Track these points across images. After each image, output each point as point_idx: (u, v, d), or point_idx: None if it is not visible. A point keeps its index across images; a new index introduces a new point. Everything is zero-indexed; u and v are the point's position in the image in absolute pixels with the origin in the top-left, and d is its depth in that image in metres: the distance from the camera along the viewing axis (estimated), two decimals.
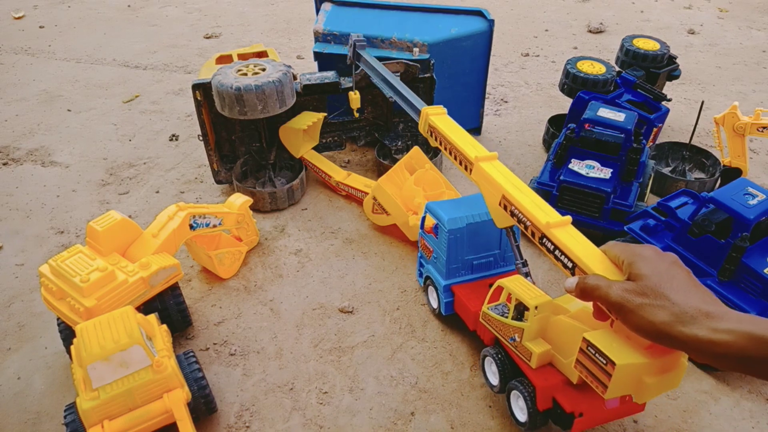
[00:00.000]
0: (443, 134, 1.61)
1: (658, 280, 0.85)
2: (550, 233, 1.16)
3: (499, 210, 1.37)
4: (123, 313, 1.38)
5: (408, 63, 2.30)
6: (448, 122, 1.67)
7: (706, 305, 0.80)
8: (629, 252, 0.94)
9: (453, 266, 1.68)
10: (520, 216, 1.28)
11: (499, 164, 1.44)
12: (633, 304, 0.85)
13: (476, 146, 1.52)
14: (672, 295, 0.82)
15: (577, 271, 1.07)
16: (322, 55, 2.46)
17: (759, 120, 2.17)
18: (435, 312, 1.79)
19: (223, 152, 2.42)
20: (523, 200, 1.28)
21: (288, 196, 2.30)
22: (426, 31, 2.44)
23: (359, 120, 2.56)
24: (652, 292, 0.84)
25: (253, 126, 2.36)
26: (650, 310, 0.82)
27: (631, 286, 0.87)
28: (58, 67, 3.63)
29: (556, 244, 1.14)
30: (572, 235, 1.16)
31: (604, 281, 0.93)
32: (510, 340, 1.39)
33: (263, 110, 2.05)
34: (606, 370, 0.99)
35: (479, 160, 1.44)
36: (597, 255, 1.05)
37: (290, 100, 2.15)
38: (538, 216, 1.22)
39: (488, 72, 2.63)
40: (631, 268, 0.90)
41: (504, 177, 1.38)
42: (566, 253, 1.11)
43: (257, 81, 2.00)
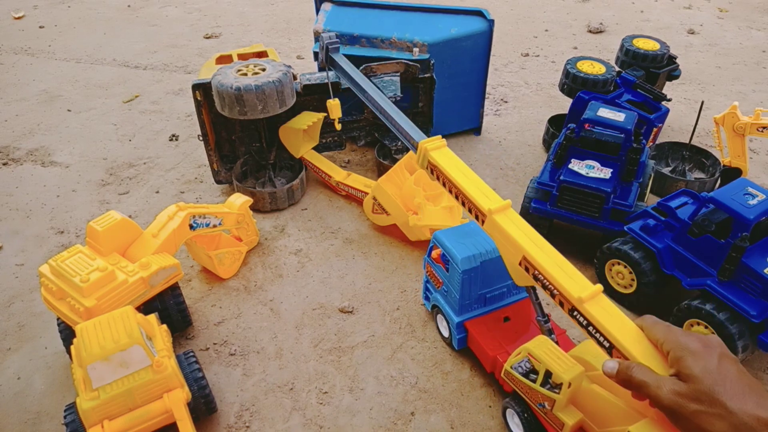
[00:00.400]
0: (448, 176, 1.43)
1: (711, 382, 0.82)
2: (584, 309, 1.08)
3: (519, 270, 1.26)
4: (123, 313, 1.38)
5: (408, 63, 2.30)
6: (452, 160, 1.48)
7: (762, 410, 0.79)
8: (675, 343, 0.91)
9: (466, 302, 1.61)
10: (545, 283, 1.17)
11: (515, 215, 1.32)
12: (687, 410, 0.83)
13: (487, 192, 1.37)
14: (728, 402, 0.80)
15: (615, 352, 1.02)
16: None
17: (759, 120, 2.17)
18: (446, 342, 1.73)
19: (223, 152, 2.42)
20: (551, 267, 1.16)
21: (288, 196, 2.30)
22: (426, 31, 2.44)
23: (359, 120, 2.56)
24: (706, 397, 0.81)
25: (253, 126, 2.36)
26: (707, 419, 0.81)
27: (684, 389, 0.84)
28: (58, 67, 3.63)
29: (591, 321, 1.07)
30: (606, 309, 1.08)
31: (652, 377, 0.90)
32: (538, 405, 1.31)
33: (263, 110, 2.05)
34: None
35: (493, 213, 1.30)
36: (635, 334, 1.01)
37: (290, 100, 2.15)
38: (569, 288, 1.12)
39: (488, 72, 2.63)
40: (679, 365, 0.87)
41: (524, 234, 1.25)
42: (602, 333, 1.05)
43: (257, 81, 2.00)
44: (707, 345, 0.88)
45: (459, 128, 2.80)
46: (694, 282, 1.69)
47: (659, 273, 1.78)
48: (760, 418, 0.78)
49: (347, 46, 2.45)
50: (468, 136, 2.82)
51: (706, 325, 1.62)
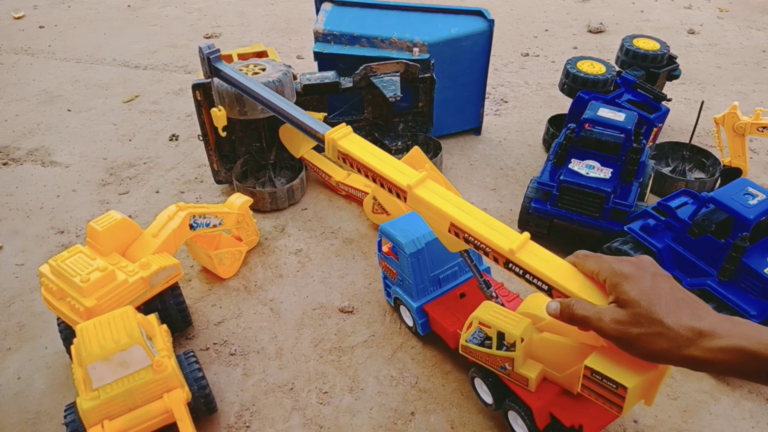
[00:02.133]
0: (360, 160, 1.41)
1: (648, 303, 0.86)
2: (517, 259, 1.10)
3: (449, 237, 1.26)
4: (123, 313, 1.38)
5: (408, 63, 2.30)
6: (360, 144, 1.46)
7: (697, 321, 0.83)
8: (610, 271, 0.94)
9: (420, 286, 1.64)
10: (477, 243, 1.18)
11: (433, 184, 1.31)
12: (630, 335, 0.86)
13: (402, 168, 1.36)
14: (665, 319, 0.83)
15: (555, 293, 1.04)
16: (322, 55, 2.46)
17: (759, 120, 2.17)
18: (412, 331, 1.75)
19: (223, 152, 2.42)
20: (478, 227, 1.17)
21: (288, 196, 2.30)
22: (426, 31, 2.43)
23: (359, 120, 2.56)
24: (645, 319, 0.85)
25: (253, 126, 2.36)
26: (649, 340, 0.85)
27: (623, 316, 0.88)
28: (58, 67, 3.63)
29: (526, 269, 1.09)
30: (538, 254, 1.10)
31: (592, 310, 0.93)
32: (500, 369, 1.33)
33: (263, 110, 2.05)
34: (618, 394, 0.98)
35: (412, 188, 1.29)
36: (570, 271, 1.03)
37: (290, 100, 2.15)
38: (499, 242, 1.12)
39: (488, 72, 2.63)
40: (616, 291, 0.91)
41: (446, 201, 1.26)
42: (539, 277, 1.07)
43: (257, 81, 2.00)
44: (640, 267, 0.91)
45: (459, 128, 2.80)
46: (695, 282, 1.69)
47: None
48: (694, 328, 0.82)
49: (347, 46, 2.45)
50: (468, 136, 2.82)
51: None
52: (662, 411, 1.54)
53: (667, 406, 1.56)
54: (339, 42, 2.46)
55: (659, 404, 1.56)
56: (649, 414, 1.54)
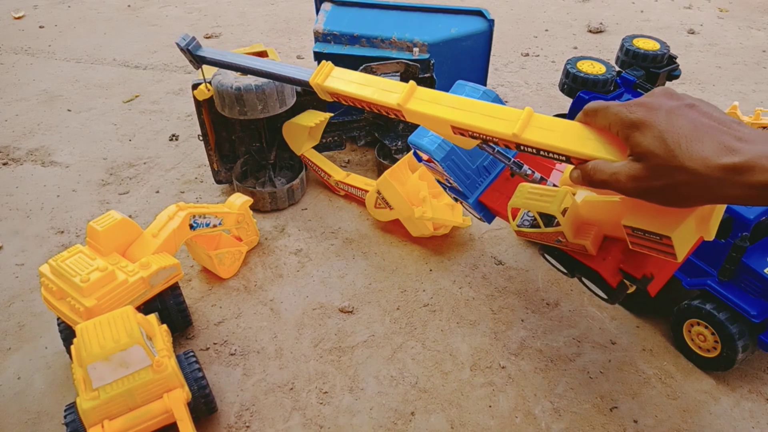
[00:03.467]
0: (348, 94, 1.35)
1: (664, 150, 0.74)
2: (524, 140, 1.03)
3: (457, 138, 1.20)
4: (123, 313, 1.38)
5: (408, 63, 2.30)
6: (344, 77, 1.38)
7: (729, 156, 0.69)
8: (620, 122, 0.83)
9: (467, 182, 1.59)
10: (482, 137, 1.11)
11: (423, 91, 1.23)
12: (653, 189, 0.77)
13: (389, 87, 1.28)
14: (688, 163, 0.71)
15: (574, 161, 0.96)
16: (322, 55, 2.46)
17: (759, 120, 2.17)
18: (481, 219, 1.68)
19: (223, 152, 2.42)
20: (476, 121, 1.09)
21: (288, 196, 2.30)
22: (426, 31, 2.44)
23: (359, 120, 2.56)
24: (665, 170, 0.74)
25: (253, 126, 2.36)
26: (674, 191, 0.75)
27: (640, 171, 0.77)
28: (58, 67, 3.63)
29: (536, 147, 1.01)
30: (543, 126, 1.01)
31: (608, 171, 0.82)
32: (556, 242, 1.29)
33: (263, 110, 2.05)
34: (664, 243, 0.92)
35: (403, 105, 1.23)
36: (581, 134, 0.95)
37: (290, 100, 2.15)
38: (501, 129, 1.04)
39: (488, 72, 2.63)
40: (629, 144, 0.80)
41: (441, 106, 1.18)
42: (551, 151, 0.99)
43: (257, 81, 2.01)
44: (651, 107, 0.80)
45: None
46: (695, 282, 1.69)
47: None
48: (726, 165, 0.69)
49: (347, 46, 2.46)
50: None
51: (706, 325, 1.63)
52: (662, 411, 1.54)
53: (667, 406, 1.56)
54: (339, 42, 2.47)
55: (659, 404, 1.56)
56: (649, 414, 1.54)
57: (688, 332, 1.70)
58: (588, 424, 1.51)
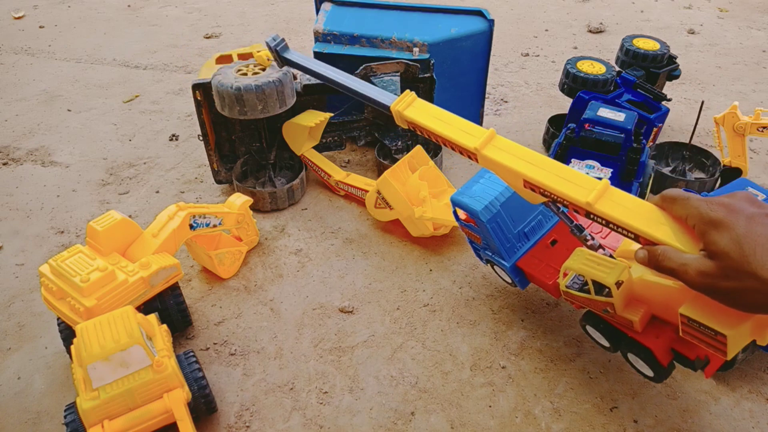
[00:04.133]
0: (428, 128, 1.41)
1: (739, 255, 0.76)
2: (596, 210, 1.04)
3: (526, 191, 1.24)
4: (123, 313, 1.38)
5: (408, 63, 2.30)
6: (426, 110, 1.45)
7: None
8: (698, 217, 0.84)
9: (507, 246, 1.60)
10: (554, 197, 1.14)
11: (502, 140, 1.27)
12: (720, 289, 0.78)
13: (469, 129, 1.33)
14: (760, 271, 0.73)
15: (642, 241, 0.97)
16: (322, 55, 2.46)
17: (759, 120, 2.17)
18: (511, 286, 1.71)
19: (223, 152, 2.42)
20: (551, 181, 1.12)
21: (288, 196, 2.30)
22: (426, 31, 2.44)
23: (359, 120, 2.56)
24: (736, 273, 0.76)
25: (253, 126, 2.36)
26: (742, 295, 0.76)
27: (711, 268, 0.79)
28: (58, 67, 3.63)
29: (607, 219, 1.03)
30: (618, 201, 1.04)
31: (678, 260, 0.84)
32: (604, 312, 1.29)
33: (263, 110, 2.06)
34: (718, 340, 0.92)
35: (480, 150, 1.27)
36: (656, 217, 0.96)
37: (290, 100, 2.15)
38: (575, 195, 1.07)
39: (488, 72, 2.63)
40: (705, 241, 0.81)
41: (516, 157, 1.22)
42: (623, 227, 1.01)
43: (257, 81, 2.01)
44: (732, 210, 0.80)
45: None
46: None
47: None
48: None
49: (347, 46, 2.46)
50: None
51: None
52: (662, 411, 1.54)
53: (667, 406, 1.56)
54: (339, 42, 2.47)
55: (659, 404, 1.56)
56: (649, 414, 1.54)
57: None
58: (588, 424, 1.51)
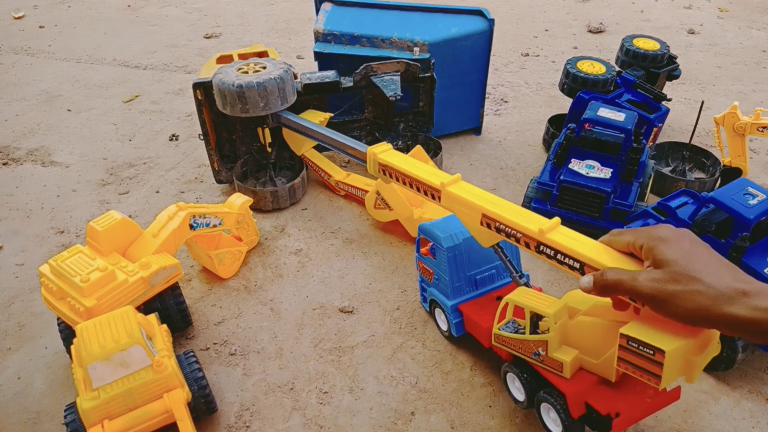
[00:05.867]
0: (398, 169, 1.58)
1: (686, 263, 0.83)
2: (547, 239, 1.14)
3: (481, 230, 1.34)
4: (123, 313, 1.38)
5: (408, 62, 2.30)
6: (399, 156, 1.65)
7: (739, 283, 0.80)
8: (647, 237, 0.92)
9: (456, 284, 1.63)
10: (508, 230, 1.25)
11: (466, 184, 1.43)
12: (666, 292, 0.84)
13: (436, 172, 1.51)
14: (704, 278, 0.81)
15: (587, 269, 1.05)
16: (322, 55, 2.46)
17: (759, 120, 2.17)
18: (445, 334, 1.74)
19: (223, 152, 2.42)
20: (508, 213, 1.25)
21: (290, 195, 2.30)
22: (426, 30, 2.44)
23: (359, 120, 2.56)
24: (683, 277, 0.82)
25: (254, 125, 2.36)
26: (686, 297, 0.82)
27: (660, 275, 0.85)
28: (58, 67, 3.63)
29: (557, 248, 1.12)
30: (568, 235, 1.15)
31: (626, 274, 0.91)
32: (533, 355, 1.33)
33: (265, 107, 2.06)
34: (655, 360, 0.95)
35: (446, 186, 1.41)
36: (601, 248, 1.05)
37: (291, 98, 2.16)
38: (529, 225, 1.19)
39: (488, 72, 2.63)
40: (653, 254, 0.88)
41: (477, 196, 1.35)
42: (570, 255, 1.09)
43: (259, 78, 2.01)
44: (678, 233, 0.90)
45: (459, 128, 2.80)
46: None
47: None
48: (737, 288, 0.79)
49: (347, 46, 2.46)
50: (468, 135, 2.82)
51: None
52: (662, 411, 1.54)
53: (668, 406, 1.56)
54: (339, 42, 2.47)
55: None
56: None
57: None
58: None
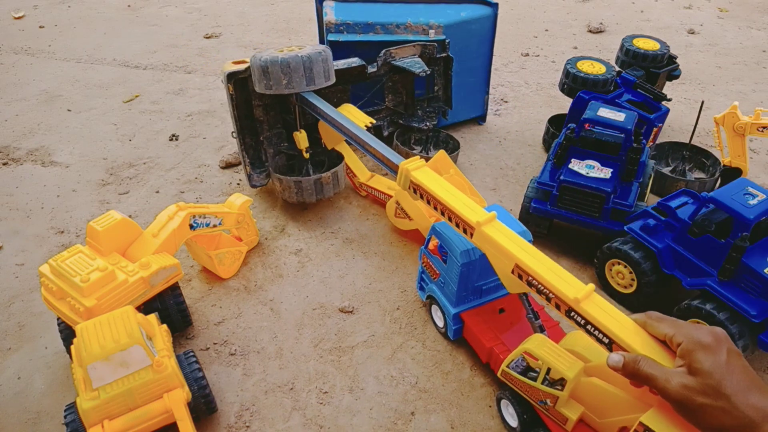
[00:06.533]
0: (431, 192, 1.49)
1: (719, 377, 0.86)
2: (581, 309, 1.11)
3: (512, 278, 1.29)
4: (123, 313, 1.38)
5: (425, 44, 2.29)
6: (433, 177, 1.55)
7: (764, 403, 0.83)
8: (688, 337, 0.93)
9: (462, 294, 1.63)
10: (540, 287, 1.20)
11: (501, 225, 1.35)
12: (695, 403, 0.87)
13: (471, 206, 1.42)
14: (733, 397, 0.84)
15: (615, 347, 1.04)
16: (337, 44, 2.41)
17: (759, 120, 2.17)
18: (441, 331, 1.74)
19: (250, 158, 2.32)
20: (544, 272, 1.19)
21: (316, 190, 2.17)
22: (439, 14, 2.46)
23: (381, 109, 2.53)
24: (713, 391, 0.85)
25: (279, 125, 2.27)
26: (712, 413, 0.85)
27: (692, 383, 0.88)
28: (58, 67, 3.63)
29: (589, 320, 1.09)
30: (602, 307, 1.10)
31: (660, 370, 0.92)
32: (539, 402, 1.31)
33: (288, 85, 1.99)
34: None
35: (481, 225, 1.34)
36: (633, 328, 1.03)
37: (321, 80, 2.04)
38: (564, 290, 1.14)
39: (493, 58, 2.64)
40: (690, 358, 0.90)
41: (514, 243, 1.29)
42: (602, 330, 1.07)
43: (285, 55, 1.95)
44: (717, 339, 0.91)
45: (465, 116, 2.80)
46: (695, 282, 1.69)
47: (659, 273, 1.78)
48: (764, 410, 0.82)
49: (361, 34, 2.44)
50: (469, 135, 2.82)
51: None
52: None
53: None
54: (353, 31, 2.44)
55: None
56: None
57: None
58: None
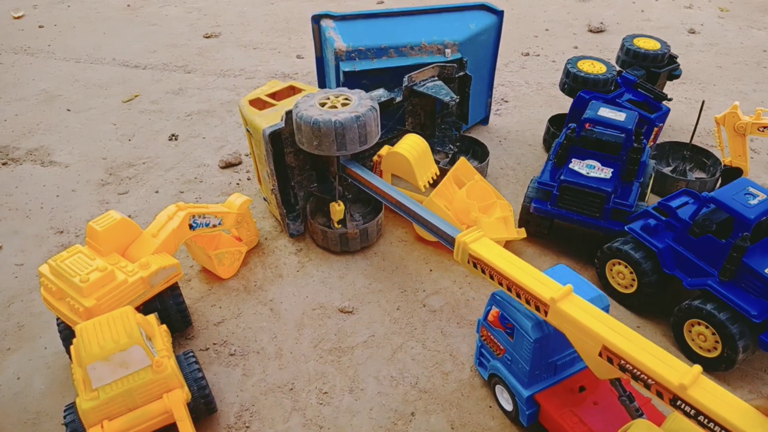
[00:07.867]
0: (494, 267, 1.33)
1: None
2: (689, 397, 0.97)
3: (600, 362, 1.12)
4: (123, 313, 1.38)
5: (443, 65, 2.27)
6: (494, 249, 1.38)
7: None
8: None
9: (536, 372, 1.45)
10: (636, 373, 1.05)
11: (580, 300, 1.19)
12: None
13: (542, 279, 1.26)
14: None
15: None
16: (353, 74, 2.32)
17: (760, 119, 2.17)
18: (510, 415, 1.54)
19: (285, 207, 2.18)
20: (639, 355, 1.03)
21: (361, 239, 2.08)
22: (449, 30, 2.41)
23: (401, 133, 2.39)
24: None
25: (308, 166, 2.17)
26: None
27: None
28: (58, 66, 3.62)
29: (700, 410, 0.97)
30: (712, 392, 0.98)
31: None
32: None
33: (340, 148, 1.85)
34: None
35: (557, 301, 1.18)
36: (753, 416, 0.93)
37: (375, 135, 1.94)
38: (667, 375, 1.00)
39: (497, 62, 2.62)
40: None
41: (599, 321, 1.12)
42: (717, 422, 0.95)
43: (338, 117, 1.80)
44: None
45: (472, 121, 2.78)
46: (695, 282, 1.69)
47: (660, 273, 1.77)
48: None
49: (375, 60, 2.35)
50: (471, 129, 2.82)
51: (707, 325, 1.62)
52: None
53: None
54: (365, 57, 2.37)
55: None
56: None
57: (689, 332, 1.69)
58: None
